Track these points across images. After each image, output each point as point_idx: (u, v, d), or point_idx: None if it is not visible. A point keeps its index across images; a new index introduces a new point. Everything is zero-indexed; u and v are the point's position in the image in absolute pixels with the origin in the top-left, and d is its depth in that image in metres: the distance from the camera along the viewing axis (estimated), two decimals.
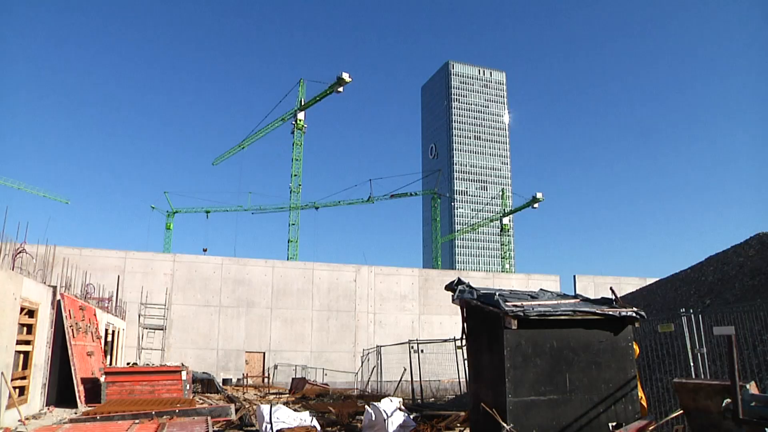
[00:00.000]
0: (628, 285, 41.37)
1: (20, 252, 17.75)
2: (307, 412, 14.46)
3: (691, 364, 10.53)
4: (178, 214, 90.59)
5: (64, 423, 13.92)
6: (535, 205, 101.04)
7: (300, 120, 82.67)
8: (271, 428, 12.78)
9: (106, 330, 28.63)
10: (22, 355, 15.69)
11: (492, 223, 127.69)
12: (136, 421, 13.70)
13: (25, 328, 15.78)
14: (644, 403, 7.88)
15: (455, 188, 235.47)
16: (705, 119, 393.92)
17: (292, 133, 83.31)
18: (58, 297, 18.72)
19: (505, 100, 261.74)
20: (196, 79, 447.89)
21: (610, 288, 9.47)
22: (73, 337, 19.63)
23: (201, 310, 43.03)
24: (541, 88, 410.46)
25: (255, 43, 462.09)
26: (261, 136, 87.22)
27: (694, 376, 10.23)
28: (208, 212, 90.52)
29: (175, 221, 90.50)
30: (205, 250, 70.19)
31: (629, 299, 19.10)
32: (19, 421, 14.10)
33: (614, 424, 7.28)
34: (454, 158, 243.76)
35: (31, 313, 16.07)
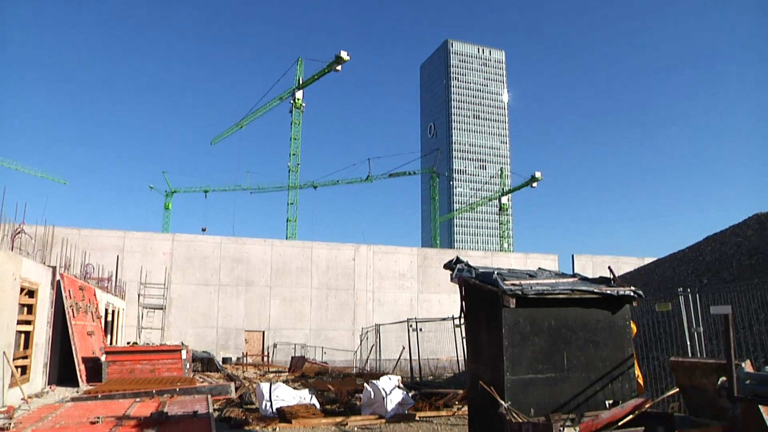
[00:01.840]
0: (626, 264, 41.57)
1: (19, 232, 17.77)
2: (307, 390, 14.58)
3: (688, 342, 10.61)
4: (176, 194, 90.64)
5: (66, 401, 14.03)
6: (534, 185, 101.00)
7: (298, 99, 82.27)
8: (271, 406, 12.89)
9: (106, 310, 28.74)
10: (23, 335, 15.78)
11: (491, 203, 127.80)
12: (137, 399, 13.82)
13: (25, 308, 15.85)
14: (641, 381, 7.94)
15: (454, 167, 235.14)
16: (705, 100, 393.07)
17: (291, 112, 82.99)
18: (58, 277, 18.77)
19: (505, 79, 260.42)
20: (194, 58, 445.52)
21: (609, 267, 9.51)
22: (74, 316, 19.72)
23: (200, 289, 43.18)
24: (540, 67, 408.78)
25: (253, 23, 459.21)
26: (259, 116, 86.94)
27: (690, 354, 10.31)
28: (206, 192, 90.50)
29: (174, 201, 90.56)
30: (203, 230, 70.42)
31: (627, 278, 19.19)
32: (21, 399, 14.21)
33: (611, 401, 7.34)
34: (453, 137, 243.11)
35: (31, 293, 16.13)
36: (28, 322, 16.03)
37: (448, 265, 8.73)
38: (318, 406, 13.67)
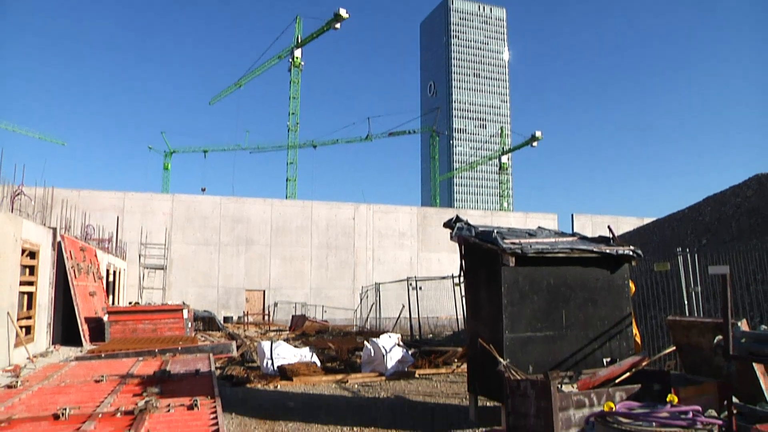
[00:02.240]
0: (625, 224, 41.60)
1: (18, 194, 17.74)
2: (307, 348, 14.73)
3: (685, 302, 10.67)
4: (175, 154, 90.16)
5: (70, 361, 14.19)
6: (534, 144, 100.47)
7: (297, 57, 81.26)
8: (272, 364, 13.03)
9: (108, 270, 28.87)
10: (26, 296, 15.88)
11: (490, 162, 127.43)
12: (140, 358, 13.97)
13: (27, 270, 15.91)
14: (638, 340, 8.03)
15: (454, 126, 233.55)
16: (706, 60, 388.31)
17: (289, 71, 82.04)
18: (59, 238, 18.80)
19: (505, 37, 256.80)
20: (191, 18, 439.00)
21: (608, 226, 9.52)
22: (75, 277, 19.82)
23: (200, 249, 43.33)
24: (541, 25, 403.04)
25: None
26: (258, 75, 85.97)
27: (687, 314, 10.38)
28: (205, 152, 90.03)
29: (173, 161, 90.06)
30: (203, 190, 70.33)
31: (626, 238, 19.22)
32: (27, 358, 14.37)
33: (608, 359, 7.43)
34: (453, 96, 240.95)
35: (32, 255, 16.18)
36: (31, 283, 16.12)
37: (448, 224, 8.73)
38: (318, 363, 13.82)
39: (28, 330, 15.86)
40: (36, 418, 7.03)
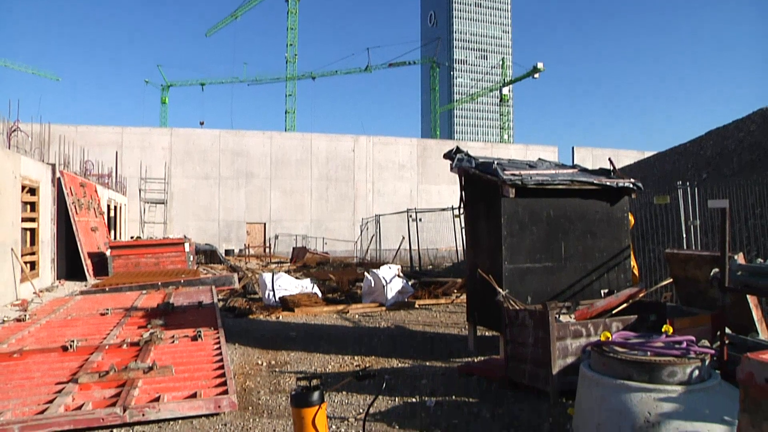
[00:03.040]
0: (626, 158, 41.40)
1: (14, 130, 17.58)
2: (308, 280, 14.88)
3: (684, 235, 10.72)
4: (172, 88, 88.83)
5: (75, 295, 14.39)
6: (536, 76, 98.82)
7: None
8: (274, 295, 13.20)
9: (108, 205, 28.94)
10: (28, 232, 15.97)
11: (491, 93, 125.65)
12: (144, 291, 14.16)
13: (28, 206, 15.94)
14: (636, 272, 8.11)
15: (454, 57, 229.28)
16: None
17: (287, 0, 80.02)
18: (58, 174, 18.76)
19: None
20: None
21: (609, 159, 9.47)
22: (76, 213, 19.88)
23: (200, 183, 43.30)
24: None
25: None
26: (254, 5, 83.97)
27: (685, 247, 10.45)
28: (203, 85, 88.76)
29: (170, 95, 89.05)
30: (201, 123, 69.68)
31: (627, 171, 19.12)
32: (33, 293, 14.57)
33: (606, 291, 7.52)
34: (454, 26, 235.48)
35: (32, 191, 16.18)
36: (33, 220, 16.18)
37: (448, 155, 8.68)
38: (320, 294, 14.01)
39: (33, 265, 16.02)
40: (45, 350, 7.18)
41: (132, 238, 29.78)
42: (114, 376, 5.83)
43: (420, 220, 22.13)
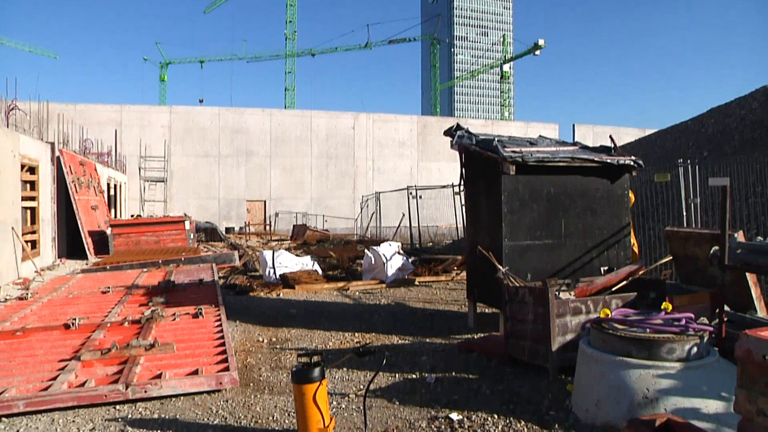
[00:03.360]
0: (626, 135, 41.24)
1: (12, 109, 17.53)
2: (309, 257, 14.92)
3: (684, 214, 10.71)
4: (171, 65, 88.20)
5: (77, 273, 14.44)
6: (537, 53, 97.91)
7: None
8: (275, 273, 13.25)
9: (108, 184, 28.92)
10: (29, 211, 15.97)
11: (492, 70, 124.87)
12: (144, 269, 14.21)
13: (28, 185, 15.93)
14: (636, 250, 8.12)
15: (455, 34, 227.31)
16: None
17: None
18: (57, 153, 18.71)
19: None
20: None
21: (610, 136, 9.44)
22: (76, 192, 19.87)
23: (200, 161, 43.22)
24: None
25: None
26: None
27: (685, 225, 10.44)
28: (202, 62, 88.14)
29: (169, 73, 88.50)
30: (201, 101, 69.32)
31: (628, 149, 19.12)
32: (34, 272, 14.62)
33: (606, 268, 7.54)
34: (455, 2, 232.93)
35: (32, 170, 16.15)
36: (33, 198, 16.18)
37: (449, 132, 8.65)
38: (320, 272, 14.05)
39: (34, 244, 16.05)
40: (48, 328, 7.23)
41: (132, 216, 29.76)
42: (116, 354, 5.87)
43: (420, 197, 22.12)
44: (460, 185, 8.85)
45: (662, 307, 4.90)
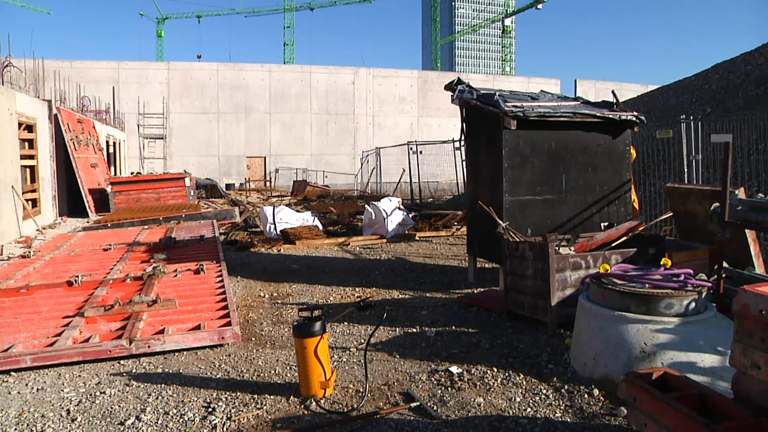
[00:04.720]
0: (629, 91, 40.83)
1: (7, 66, 17.31)
2: (309, 213, 14.96)
3: (685, 170, 10.67)
4: (168, 21, 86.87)
5: (78, 231, 14.49)
6: (539, 6, 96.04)
7: None
8: (275, 228, 13.30)
9: (107, 142, 28.79)
10: (28, 170, 15.95)
11: (493, 25, 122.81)
12: (146, 227, 14.25)
13: (26, 144, 15.86)
14: (636, 206, 8.12)
15: None
16: None
17: None
18: (55, 111, 18.58)
19: None
20: None
21: (612, 91, 9.35)
22: (75, 150, 19.79)
23: (199, 118, 42.95)
24: None
25: None
26: None
27: (686, 181, 10.42)
28: (199, 17, 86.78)
29: (166, 28, 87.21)
30: (199, 57, 68.62)
31: (630, 105, 18.93)
32: (36, 230, 14.66)
33: (606, 223, 7.55)
34: None
35: (29, 128, 16.05)
36: (32, 157, 16.12)
37: (449, 86, 8.57)
38: (320, 227, 14.10)
39: (35, 203, 16.07)
40: (51, 285, 7.28)
41: (132, 173, 29.76)
42: (119, 310, 5.93)
43: (420, 152, 22.04)
44: (460, 140, 8.80)
45: (661, 262, 4.92)
